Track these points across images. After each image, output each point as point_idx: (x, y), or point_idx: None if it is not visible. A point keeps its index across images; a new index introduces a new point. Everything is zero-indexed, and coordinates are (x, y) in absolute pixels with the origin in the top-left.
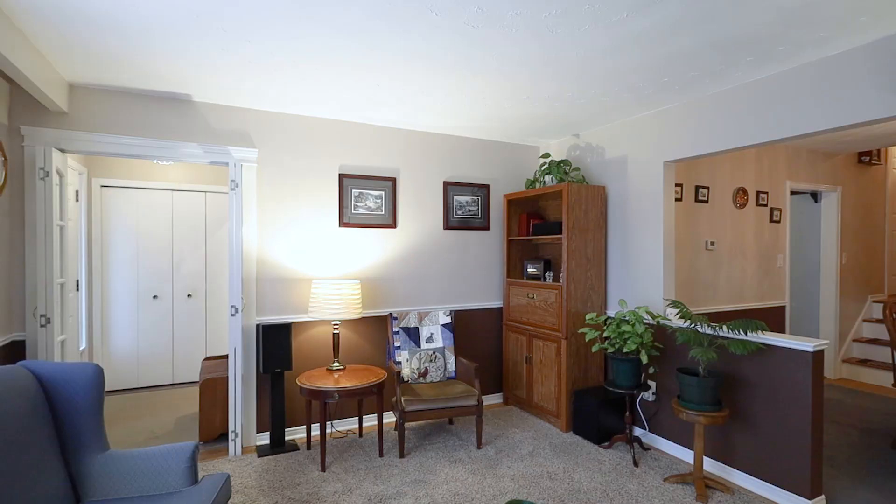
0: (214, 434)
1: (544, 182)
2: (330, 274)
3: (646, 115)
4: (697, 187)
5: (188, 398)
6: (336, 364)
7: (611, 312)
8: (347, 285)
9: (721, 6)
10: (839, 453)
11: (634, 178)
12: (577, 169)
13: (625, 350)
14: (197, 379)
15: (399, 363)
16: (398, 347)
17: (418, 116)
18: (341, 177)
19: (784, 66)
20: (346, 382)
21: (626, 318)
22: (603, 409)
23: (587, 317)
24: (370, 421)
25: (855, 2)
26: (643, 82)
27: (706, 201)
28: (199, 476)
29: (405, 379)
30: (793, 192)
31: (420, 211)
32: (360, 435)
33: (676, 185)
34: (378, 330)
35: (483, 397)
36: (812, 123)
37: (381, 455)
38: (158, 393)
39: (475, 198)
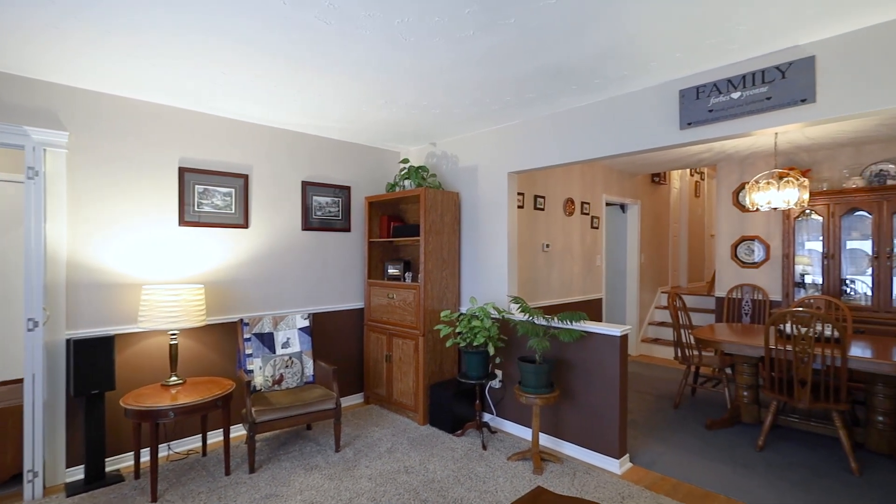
0: (4, 477)
1: (404, 186)
2: (167, 278)
3: (493, 129)
4: (536, 196)
5: None
6: (174, 378)
7: (463, 309)
8: (188, 290)
9: (549, 37)
10: (639, 417)
11: (484, 186)
12: (434, 175)
13: (475, 343)
14: None
15: (251, 372)
16: (250, 355)
17: (273, 111)
18: (182, 171)
19: (599, 96)
20: (185, 398)
21: (476, 314)
22: (456, 399)
23: (442, 314)
24: (217, 437)
25: (647, 49)
26: (489, 98)
27: (543, 209)
28: None
29: (257, 388)
30: (607, 204)
31: (276, 211)
32: (204, 454)
33: (519, 193)
34: (227, 337)
35: (343, 399)
36: (616, 147)
37: (227, 473)
38: None
39: (336, 199)
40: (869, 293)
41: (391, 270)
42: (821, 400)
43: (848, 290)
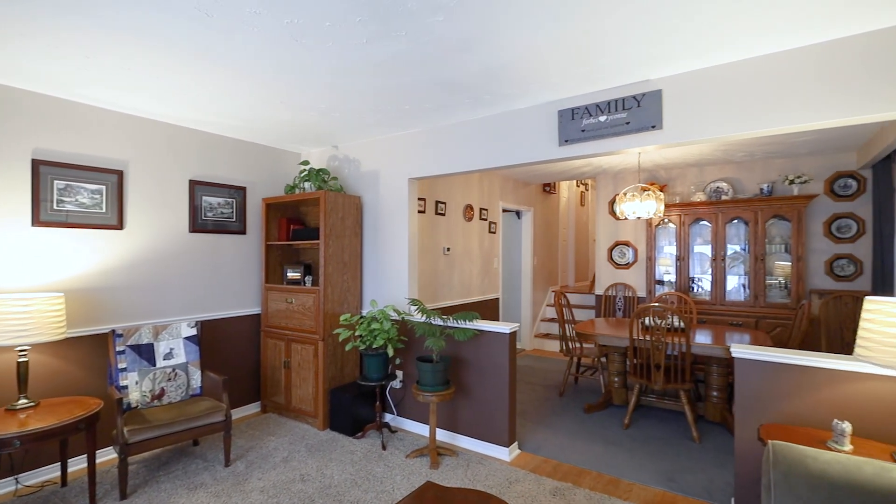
0: None
1: (304, 188)
2: (16, 286)
3: (394, 135)
4: (437, 202)
5: None
6: (23, 401)
7: (365, 312)
8: (42, 300)
9: (440, 52)
10: (528, 407)
11: (385, 191)
12: (336, 179)
13: (374, 346)
14: None
15: (124, 388)
16: (123, 369)
17: (155, 103)
18: (37, 163)
19: (491, 111)
20: (37, 423)
21: (376, 317)
22: (357, 402)
23: (342, 318)
24: (82, 464)
25: (527, 72)
26: (389, 106)
27: (444, 214)
28: None
29: (133, 405)
30: (504, 210)
31: (158, 211)
32: (64, 483)
33: (420, 199)
34: (96, 351)
35: (238, 409)
36: (506, 158)
37: (92, 503)
38: None
39: (230, 200)
40: (709, 289)
41: (290, 274)
42: (671, 381)
43: (695, 287)
